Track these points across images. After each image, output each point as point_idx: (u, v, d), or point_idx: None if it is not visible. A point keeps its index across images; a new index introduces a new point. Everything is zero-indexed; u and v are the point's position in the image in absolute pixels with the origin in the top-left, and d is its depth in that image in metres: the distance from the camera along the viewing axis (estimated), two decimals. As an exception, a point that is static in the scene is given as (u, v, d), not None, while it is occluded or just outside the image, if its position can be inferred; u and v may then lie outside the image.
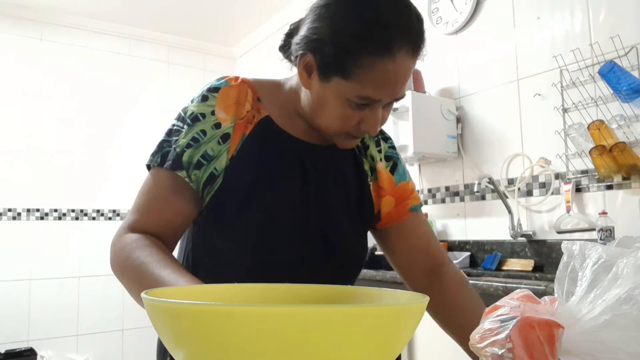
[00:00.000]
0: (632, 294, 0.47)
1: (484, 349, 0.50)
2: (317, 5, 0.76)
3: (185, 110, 0.84)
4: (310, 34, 0.75)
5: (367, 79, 0.72)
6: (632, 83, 1.75)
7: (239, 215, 0.80)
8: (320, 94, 0.78)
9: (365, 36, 0.70)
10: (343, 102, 0.76)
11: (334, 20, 0.73)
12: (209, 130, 0.80)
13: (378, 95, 0.74)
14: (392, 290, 0.48)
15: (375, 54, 0.71)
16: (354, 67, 0.72)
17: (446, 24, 2.56)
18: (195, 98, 0.84)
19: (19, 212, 3.47)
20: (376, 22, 0.71)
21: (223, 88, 0.83)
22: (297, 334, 0.31)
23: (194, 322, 0.33)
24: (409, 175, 1.00)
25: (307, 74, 0.78)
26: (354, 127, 0.80)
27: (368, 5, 0.72)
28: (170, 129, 0.84)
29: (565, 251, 0.55)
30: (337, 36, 0.72)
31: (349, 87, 0.74)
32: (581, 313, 0.49)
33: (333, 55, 0.73)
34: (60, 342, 3.47)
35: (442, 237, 2.55)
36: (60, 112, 3.63)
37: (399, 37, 0.71)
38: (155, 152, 0.83)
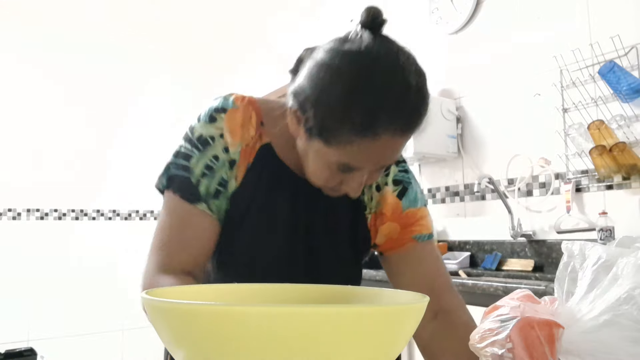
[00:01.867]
0: (632, 294, 0.47)
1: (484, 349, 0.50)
2: (315, 60, 0.69)
3: (192, 130, 0.80)
4: (298, 90, 0.70)
5: (347, 151, 0.67)
6: (632, 83, 1.75)
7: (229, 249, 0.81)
8: (305, 147, 0.73)
9: (345, 116, 0.64)
10: (324, 163, 0.71)
11: (319, 87, 0.66)
12: (220, 154, 0.78)
13: (358, 166, 0.69)
14: (392, 290, 0.48)
15: (355, 134, 0.64)
16: (332, 139, 0.66)
17: (446, 24, 2.56)
18: (202, 117, 0.80)
19: (19, 212, 3.47)
20: (359, 101, 0.63)
21: (230, 110, 0.80)
22: (297, 334, 0.31)
23: (194, 322, 0.33)
24: (422, 201, 0.91)
25: (296, 122, 0.73)
26: (335, 186, 0.75)
27: (355, 79, 0.64)
28: (178, 151, 0.80)
29: (565, 251, 0.55)
30: (318, 107, 0.66)
31: (328, 152, 0.68)
32: (581, 313, 0.49)
33: (314, 122, 0.68)
34: (60, 342, 3.47)
35: (442, 237, 2.55)
36: (60, 112, 3.63)
37: (386, 119, 0.64)
38: (162, 174, 0.80)
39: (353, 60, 0.65)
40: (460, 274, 2.17)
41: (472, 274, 2.16)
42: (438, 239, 2.53)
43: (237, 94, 0.83)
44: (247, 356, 0.32)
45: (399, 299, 0.47)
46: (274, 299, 0.51)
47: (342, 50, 0.66)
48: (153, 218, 3.97)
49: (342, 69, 0.65)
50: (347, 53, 0.66)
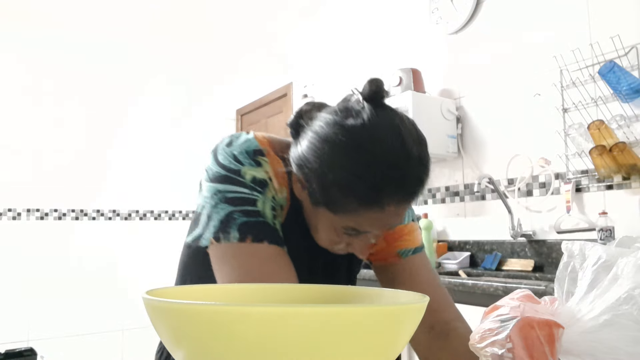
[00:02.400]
0: (632, 294, 0.47)
1: (484, 349, 0.50)
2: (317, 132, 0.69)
3: (239, 173, 0.74)
4: (301, 162, 0.70)
5: (351, 220, 0.69)
6: (632, 83, 1.75)
7: None
8: (310, 210, 0.75)
9: (350, 191, 0.66)
10: (330, 227, 0.73)
11: (322, 161, 0.67)
12: (276, 196, 0.76)
13: (366, 229, 0.71)
14: (392, 290, 0.48)
15: (361, 205, 0.67)
16: (337, 208, 0.69)
17: (446, 24, 2.56)
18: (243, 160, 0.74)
19: (19, 212, 3.47)
20: (365, 177, 0.65)
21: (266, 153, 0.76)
22: (297, 334, 0.31)
23: (194, 322, 0.33)
24: (409, 218, 0.91)
25: (301, 188, 0.74)
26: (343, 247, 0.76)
27: (359, 155, 0.65)
28: (233, 197, 0.73)
29: (565, 251, 0.55)
30: (323, 181, 0.68)
31: (335, 219, 0.70)
32: (581, 313, 0.49)
33: (319, 193, 0.69)
34: (60, 342, 3.47)
35: (442, 237, 2.55)
36: (60, 112, 3.63)
37: (390, 191, 0.66)
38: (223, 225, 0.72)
39: (356, 135, 0.66)
40: (460, 274, 2.17)
41: (472, 274, 2.16)
42: (438, 239, 2.53)
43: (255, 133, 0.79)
44: (247, 356, 0.32)
45: (398, 299, 0.47)
46: (274, 299, 0.51)
47: (345, 125, 0.67)
48: (153, 218, 3.97)
49: (345, 144, 0.66)
50: (350, 128, 0.67)
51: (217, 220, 0.72)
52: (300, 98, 3.66)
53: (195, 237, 0.76)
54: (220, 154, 0.77)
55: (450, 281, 1.79)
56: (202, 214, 0.75)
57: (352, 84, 3.20)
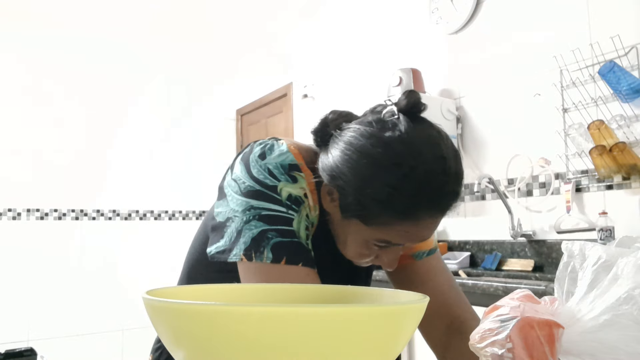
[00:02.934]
0: (632, 294, 0.47)
1: (484, 349, 0.50)
2: (352, 143, 0.68)
3: (275, 190, 0.71)
4: (335, 174, 0.69)
5: (387, 233, 0.69)
6: (632, 83, 1.75)
7: None
8: (339, 223, 0.74)
9: (388, 204, 0.66)
10: (360, 240, 0.72)
11: (359, 174, 0.67)
12: (310, 214, 0.75)
13: (398, 243, 0.71)
14: (392, 290, 0.48)
15: (396, 218, 0.67)
16: (374, 222, 0.68)
17: (446, 24, 2.56)
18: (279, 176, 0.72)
19: (19, 212, 3.47)
20: (403, 191, 0.65)
21: (302, 167, 0.74)
22: (297, 334, 0.31)
23: (194, 322, 0.33)
24: None
25: (330, 199, 0.73)
26: (371, 260, 0.75)
27: (398, 168, 0.65)
28: (268, 215, 0.71)
29: (565, 251, 0.55)
30: (360, 193, 0.67)
31: (368, 232, 0.70)
32: (581, 313, 0.49)
33: (354, 205, 0.68)
34: (60, 342, 3.47)
35: (442, 237, 2.55)
36: (60, 112, 3.63)
37: (427, 205, 0.66)
38: (256, 244, 0.70)
39: (394, 148, 0.66)
40: (460, 274, 2.17)
41: (472, 274, 2.16)
42: (438, 239, 2.53)
43: (286, 142, 0.77)
44: (247, 356, 0.32)
45: (398, 299, 0.47)
46: (274, 299, 0.51)
47: (382, 137, 0.67)
48: (153, 218, 3.97)
49: (383, 157, 0.66)
50: (387, 140, 0.66)
51: (249, 237, 0.70)
52: (300, 98, 3.66)
53: (220, 250, 0.73)
54: (254, 167, 0.73)
55: (450, 281, 1.78)
56: (229, 226, 0.72)
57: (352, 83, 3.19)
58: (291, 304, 0.47)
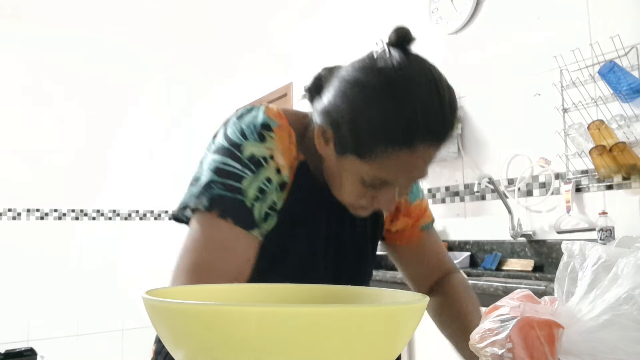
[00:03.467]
0: (632, 294, 0.47)
1: (484, 349, 0.50)
2: (345, 79, 0.69)
3: (239, 148, 0.72)
4: (330, 109, 0.70)
5: (383, 165, 0.68)
6: (632, 83, 1.75)
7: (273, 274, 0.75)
8: (334, 164, 0.74)
9: (383, 130, 0.65)
10: (356, 179, 0.71)
11: (355, 104, 0.67)
12: (273, 177, 0.73)
13: (394, 179, 0.70)
14: (392, 290, 0.48)
15: (393, 147, 0.66)
16: (370, 153, 0.67)
17: (446, 24, 2.56)
18: (248, 133, 0.74)
19: (19, 212, 3.47)
20: (397, 115, 0.65)
21: (276, 128, 0.75)
22: (297, 333, 0.31)
23: (194, 322, 0.33)
24: (422, 193, 0.97)
25: (323, 141, 0.73)
26: (367, 202, 0.75)
27: (392, 94, 0.65)
28: (222, 168, 0.71)
29: (565, 251, 0.55)
30: (355, 123, 0.67)
31: (364, 167, 0.69)
32: (581, 313, 0.49)
33: (349, 138, 0.68)
34: (60, 342, 3.47)
35: (442, 237, 2.55)
36: (60, 112, 3.63)
37: (424, 132, 0.66)
38: (200, 192, 0.71)
39: (389, 77, 0.66)
40: (460, 274, 2.17)
41: (472, 274, 2.16)
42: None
43: (267, 106, 0.79)
44: (247, 356, 0.32)
45: (398, 299, 0.47)
46: (274, 299, 0.51)
47: (376, 68, 0.67)
48: (153, 218, 3.97)
49: (378, 86, 0.66)
50: (382, 70, 0.67)
51: (199, 186, 0.72)
52: (300, 98, 3.66)
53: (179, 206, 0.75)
54: (230, 127, 0.76)
55: (450, 281, 1.78)
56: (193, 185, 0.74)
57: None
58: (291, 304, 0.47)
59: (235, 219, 0.69)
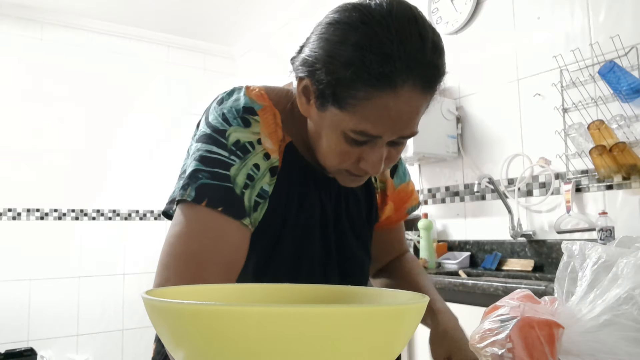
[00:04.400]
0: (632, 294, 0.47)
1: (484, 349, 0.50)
2: (320, 24, 0.68)
3: (223, 134, 0.69)
4: (307, 56, 0.67)
5: (364, 113, 0.63)
6: (632, 83, 1.75)
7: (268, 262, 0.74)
8: (317, 123, 0.70)
9: (360, 65, 0.60)
10: (339, 135, 0.66)
11: (330, 43, 0.64)
12: (261, 163, 0.70)
13: (377, 131, 0.64)
14: (392, 290, 0.48)
15: (372, 86, 0.61)
16: (349, 98, 0.63)
17: (446, 24, 2.56)
18: (232, 120, 0.71)
19: (19, 212, 3.47)
20: (375, 49, 0.60)
21: (260, 111, 0.72)
22: (297, 333, 0.31)
23: (194, 322, 0.33)
24: (409, 175, 0.96)
25: (305, 100, 0.70)
26: (353, 165, 0.70)
27: (369, 29, 0.61)
28: (207, 157, 0.68)
29: (565, 251, 0.55)
30: (331, 62, 0.63)
31: (345, 119, 0.64)
32: (581, 313, 0.49)
33: (327, 82, 0.64)
34: (60, 342, 3.47)
35: (442, 237, 2.55)
36: (60, 112, 3.63)
37: (404, 68, 0.60)
38: (186, 182, 0.68)
39: (366, 12, 0.62)
40: (460, 274, 2.17)
41: (472, 274, 2.16)
42: (438, 239, 2.53)
43: (248, 86, 0.76)
44: (247, 356, 0.32)
45: (398, 299, 0.47)
46: (274, 299, 0.51)
47: (353, 6, 0.64)
48: (153, 218, 3.97)
49: (354, 21, 0.62)
50: (358, 7, 0.64)
51: (186, 177, 0.69)
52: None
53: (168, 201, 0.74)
54: (212, 113, 0.73)
55: (450, 281, 1.79)
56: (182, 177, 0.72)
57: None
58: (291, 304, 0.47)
59: (224, 207, 0.66)
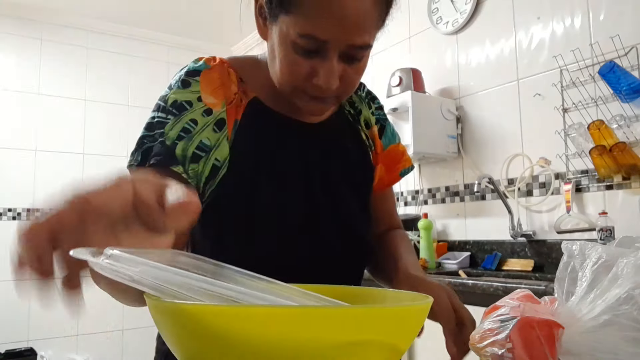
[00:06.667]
0: (632, 294, 0.47)
1: (484, 349, 0.50)
2: None
3: (164, 99, 0.72)
4: None
5: (308, 11, 0.61)
6: (632, 83, 1.75)
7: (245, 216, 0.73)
8: (271, 42, 0.70)
9: None
10: (288, 45, 0.65)
11: None
12: (199, 118, 0.71)
13: (323, 34, 0.62)
14: (395, 291, 0.48)
15: None
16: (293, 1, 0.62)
17: (446, 24, 2.56)
18: (174, 84, 0.73)
19: (19, 212, 3.47)
20: None
21: (204, 71, 0.74)
22: (300, 333, 0.31)
23: (197, 322, 0.33)
24: (398, 137, 0.93)
25: (262, 20, 0.70)
26: (306, 81, 0.68)
27: None
28: (151, 122, 0.72)
29: (565, 251, 0.55)
30: None
31: (290, 23, 0.63)
32: (581, 313, 0.49)
33: None
34: (60, 342, 3.47)
35: (442, 237, 2.55)
36: (60, 112, 3.63)
37: None
38: (135, 150, 0.71)
39: None
40: (460, 274, 2.17)
41: (472, 274, 2.16)
42: (438, 239, 2.53)
43: (206, 56, 0.78)
44: (250, 356, 0.32)
45: (402, 300, 0.47)
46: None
47: None
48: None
49: None
50: None
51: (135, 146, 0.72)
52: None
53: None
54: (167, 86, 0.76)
55: (450, 281, 1.79)
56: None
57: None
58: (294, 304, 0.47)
59: (157, 160, 0.68)
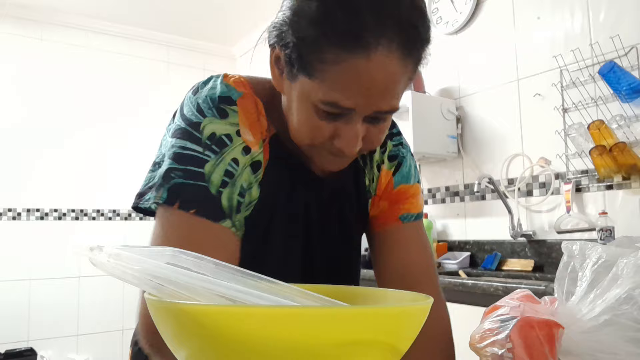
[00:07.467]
0: (632, 294, 0.47)
1: (484, 349, 0.50)
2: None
3: (198, 127, 0.63)
4: (276, 20, 0.62)
5: (333, 80, 0.56)
6: (632, 83, 1.75)
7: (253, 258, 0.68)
8: (289, 97, 0.63)
9: (325, 21, 0.54)
10: (309, 108, 0.60)
11: (295, 5, 0.58)
12: (240, 157, 0.63)
13: (348, 103, 0.57)
14: (396, 291, 0.48)
15: (340, 46, 0.54)
16: (316, 62, 0.56)
17: (446, 24, 2.56)
18: (205, 109, 0.64)
19: (19, 212, 3.47)
20: (342, 3, 0.54)
21: (239, 100, 0.65)
22: (300, 334, 0.31)
23: (197, 322, 0.33)
24: (415, 178, 0.83)
25: (278, 72, 0.64)
26: (327, 142, 0.62)
27: None
28: (181, 154, 0.62)
29: (565, 251, 0.55)
30: (296, 21, 0.57)
31: (314, 88, 0.58)
32: (581, 313, 0.49)
33: (293, 45, 0.58)
34: (60, 342, 3.47)
35: (442, 237, 2.55)
36: (60, 112, 3.63)
37: (377, 27, 0.53)
38: (159, 184, 0.62)
39: None
40: (460, 274, 2.17)
41: (472, 274, 2.16)
42: (438, 239, 2.53)
43: (227, 74, 0.69)
44: (250, 356, 0.32)
45: (403, 300, 0.47)
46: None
47: None
48: (153, 218, 3.98)
49: None
50: None
51: (159, 176, 0.63)
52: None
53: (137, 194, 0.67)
54: (186, 104, 0.67)
55: (450, 281, 1.79)
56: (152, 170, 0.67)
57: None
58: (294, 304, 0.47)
59: (199, 209, 0.61)
